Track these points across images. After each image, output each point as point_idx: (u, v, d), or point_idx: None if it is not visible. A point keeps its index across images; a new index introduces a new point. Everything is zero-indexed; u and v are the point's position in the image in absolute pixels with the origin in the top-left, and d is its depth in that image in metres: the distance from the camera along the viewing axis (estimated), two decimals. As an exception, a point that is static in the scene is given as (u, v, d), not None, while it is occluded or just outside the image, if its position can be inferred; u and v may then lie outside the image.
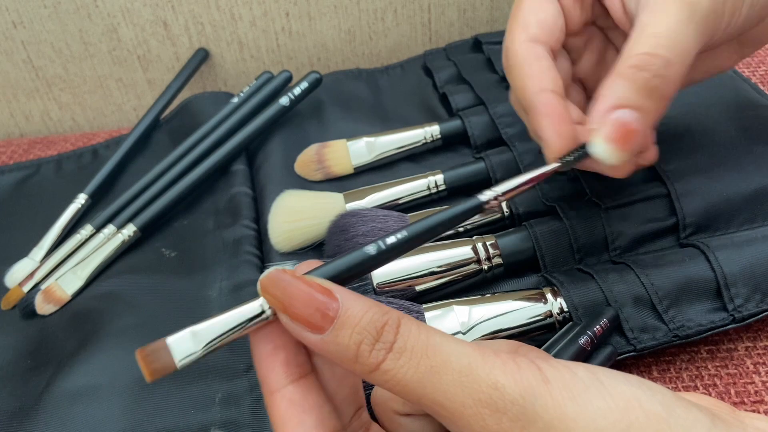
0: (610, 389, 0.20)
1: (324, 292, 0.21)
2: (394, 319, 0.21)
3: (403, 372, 0.20)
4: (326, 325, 0.20)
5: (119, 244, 0.42)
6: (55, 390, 0.34)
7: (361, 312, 0.21)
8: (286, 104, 0.48)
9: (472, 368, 0.20)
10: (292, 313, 0.21)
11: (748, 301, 0.32)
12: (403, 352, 0.20)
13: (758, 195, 0.35)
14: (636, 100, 0.26)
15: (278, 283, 0.21)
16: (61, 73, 0.57)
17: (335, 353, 0.21)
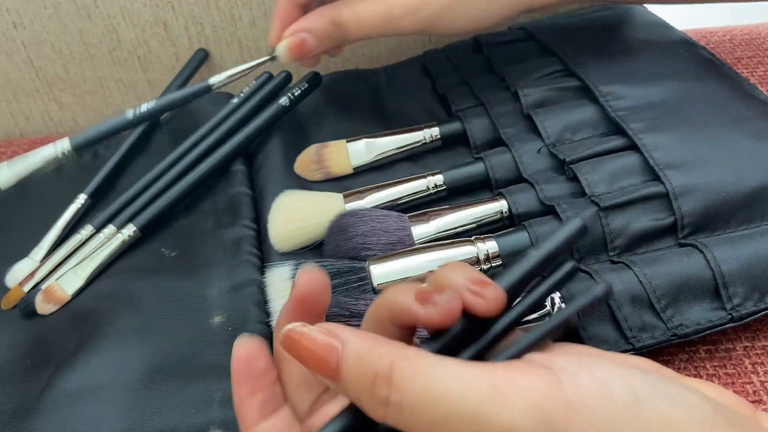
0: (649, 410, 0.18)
1: (323, 347, 0.21)
2: (386, 367, 0.20)
3: (409, 427, 0.19)
4: (336, 377, 0.21)
5: (119, 244, 0.42)
6: (55, 390, 0.34)
7: (356, 365, 0.20)
8: (286, 104, 0.47)
9: (481, 412, 0.19)
10: (304, 363, 0.22)
11: (747, 300, 0.32)
12: (401, 408, 0.19)
13: (756, 195, 0.35)
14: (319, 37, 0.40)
15: (290, 346, 0.22)
16: (62, 73, 0.57)
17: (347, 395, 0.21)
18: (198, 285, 0.40)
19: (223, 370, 0.35)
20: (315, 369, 0.21)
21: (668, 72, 0.43)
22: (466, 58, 0.52)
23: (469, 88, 0.49)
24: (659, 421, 0.18)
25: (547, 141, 0.41)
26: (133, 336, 0.37)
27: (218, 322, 0.37)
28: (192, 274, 0.41)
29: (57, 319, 0.40)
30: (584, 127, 0.42)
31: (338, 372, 0.21)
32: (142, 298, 0.39)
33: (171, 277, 0.40)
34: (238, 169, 0.47)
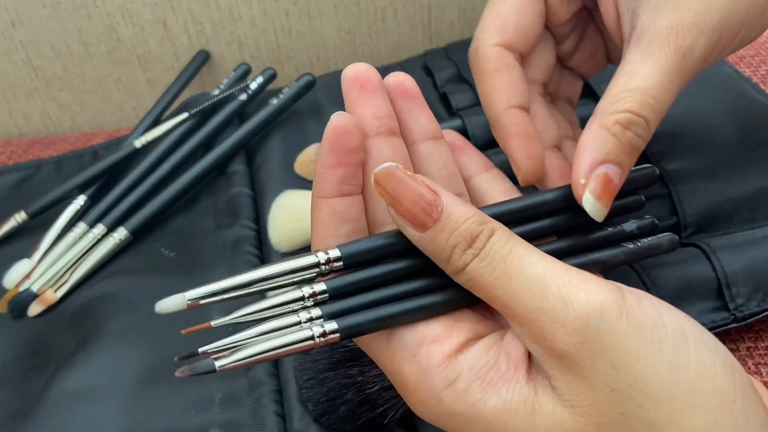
0: (692, 350, 0.20)
1: (431, 193, 0.22)
2: (489, 228, 0.22)
3: (480, 274, 0.22)
4: (429, 224, 0.22)
5: (112, 247, 0.42)
6: (54, 390, 0.34)
7: (463, 218, 0.22)
8: (279, 105, 0.48)
9: (545, 278, 0.21)
10: (399, 209, 0.22)
11: (750, 300, 0.32)
12: (486, 257, 0.22)
13: (759, 194, 0.35)
14: (618, 157, 0.27)
15: (390, 180, 0.23)
16: (61, 72, 0.57)
17: (431, 250, 0.23)
18: (198, 285, 0.39)
19: (222, 372, 0.35)
20: (412, 211, 0.22)
21: (670, 71, 0.43)
22: (467, 56, 0.52)
23: (470, 86, 0.48)
24: (696, 363, 0.20)
25: (549, 140, 0.41)
26: (132, 336, 0.37)
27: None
28: (192, 274, 0.40)
29: (56, 320, 0.40)
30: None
31: (434, 221, 0.22)
32: (142, 299, 0.39)
33: (170, 278, 0.40)
34: (237, 169, 0.47)
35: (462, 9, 0.58)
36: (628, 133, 0.26)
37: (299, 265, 0.24)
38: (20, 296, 0.41)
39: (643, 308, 0.21)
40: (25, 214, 0.45)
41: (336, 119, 0.24)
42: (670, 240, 0.29)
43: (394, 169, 0.23)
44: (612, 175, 0.27)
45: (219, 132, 0.49)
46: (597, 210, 0.27)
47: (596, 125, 0.27)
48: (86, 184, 0.46)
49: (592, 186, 0.26)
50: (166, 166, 0.46)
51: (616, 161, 0.27)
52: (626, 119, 0.26)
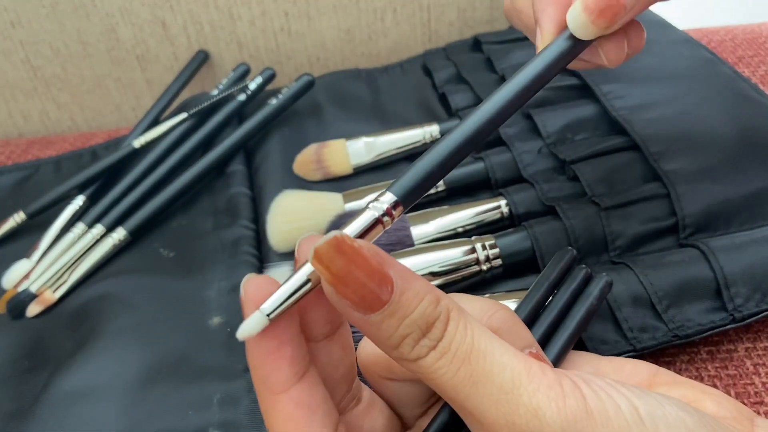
0: (652, 427, 0.19)
1: (382, 270, 0.19)
2: (445, 314, 0.19)
3: (440, 373, 0.19)
4: (377, 307, 0.19)
5: (110, 248, 0.42)
6: (53, 391, 0.34)
7: (416, 300, 0.19)
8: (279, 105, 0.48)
9: (515, 386, 0.19)
10: (343, 291, 0.18)
11: (748, 300, 0.32)
12: (446, 353, 0.19)
13: (758, 195, 0.35)
14: None
15: (336, 259, 0.18)
16: (60, 72, 0.57)
17: (375, 335, 0.19)
18: (196, 285, 0.40)
19: (221, 371, 0.35)
20: (359, 293, 0.18)
21: (669, 71, 0.43)
22: (466, 56, 0.52)
23: (469, 86, 0.48)
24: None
25: (548, 140, 0.41)
26: (131, 337, 0.37)
27: (217, 323, 0.37)
28: (190, 274, 0.40)
29: (55, 320, 0.40)
30: (585, 126, 0.41)
31: (383, 305, 0.19)
32: (141, 299, 0.39)
33: (169, 278, 0.40)
34: (236, 169, 0.47)
35: (461, 9, 0.58)
36: None
37: None
38: (19, 296, 0.41)
39: (601, 399, 0.19)
40: (24, 214, 0.45)
41: (250, 287, 0.20)
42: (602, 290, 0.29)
43: (341, 241, 0.18)
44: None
45: (218, 132, 0.49)
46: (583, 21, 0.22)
47: None
48: (85, 184, 0.46)
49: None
50: (165, 167, 0.46)
51: None
52: None
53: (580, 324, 0.28)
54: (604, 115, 0.41)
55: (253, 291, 0.20)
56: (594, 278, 0.30)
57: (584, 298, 0.29)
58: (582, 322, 0.28)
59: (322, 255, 0.18)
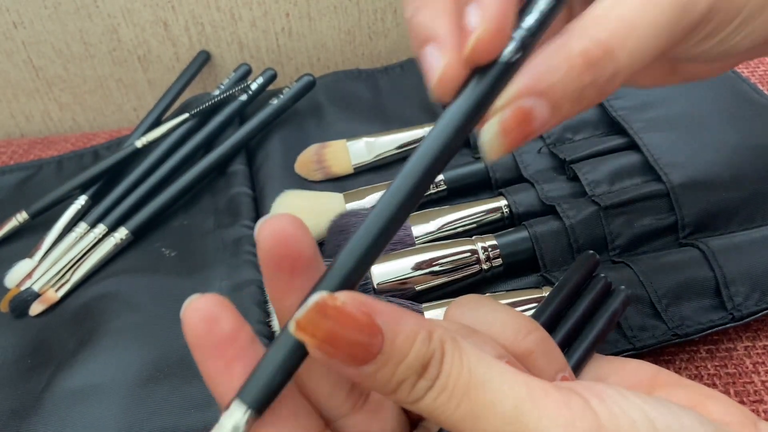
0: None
1: (370, 322, 0.17)
2: (440, 350, 0.18)
3: (441, 411, 0.18)
4: (369, 360, 0.17)
5: (112, 247, 0.42)
6: (55, 389, 0.34)
7: (408, 344, 0.18)
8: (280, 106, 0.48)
9: (519, 414, 0.18)
10: (334, 353, 0.17)
11: (748, 299, 0.32)
12: (443, 390, 0.18)
13: (757, 195, 0.35)
14: (561, 101, 0.20)
15: (321, 324, 0.17)
16: (62, 73, 0.57)
17: (371, 384, 0.18)
18: (198, 285, 0.40)
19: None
20: (350, 353, 0.17)
21: (669, 71, 0.43)
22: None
23: (470, 87, 0.48)
24: None
25: (548, 140, 0.41)
26: (132, 336, 0.37)
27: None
28: (192, 273, 0.41)
29: (57, 319, 0.40)
30: (585, 126, 0.42)
31: (374, 356, 0.17)
32: (142, 298, 0.39)
33: (171, 277, 0.40)
34: (238, 168, 0.47)
35: (462, 9, 0.58)
36: (588, 76, 0.20)
37: None
38: (21, 296, 0.41)
39: (614, 415, 0.18)
40: (27, 213, 0.45)
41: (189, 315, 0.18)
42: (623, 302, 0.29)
43: (324, 305, 0.17)
44: (537, 115, 0.20)
45: (219, 132, 0.49)
46: (493, 145, 0.20)
47: (559, 45, 0.20)
48: (87, 184, 0.47)
49: (506, 115, 0.19)
50: (167, 166, 0.46)
51: (553, 102, 0.20)
52: (597, 54, 0.20)
53: (598, 336, 0.27)
54: (604, 115, 0.41)
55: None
56: (615, 290, 0.29)
57: (604, 311, 0.28)
58: (600, 334, 0.27)
59: (305, 325, 0.17)
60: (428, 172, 0.19)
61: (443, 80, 0.20)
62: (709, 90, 0.42)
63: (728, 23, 0.23)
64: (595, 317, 0.28)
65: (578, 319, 0.28)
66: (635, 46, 0.20)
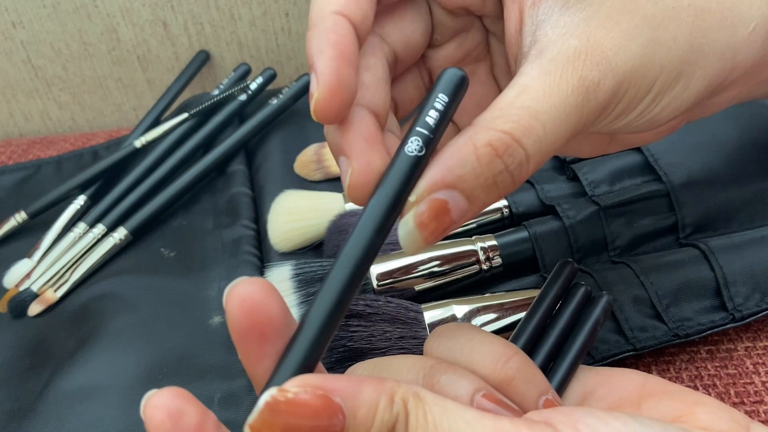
0: None
1: (327, 408, 0.17)
2: (403, 411, 0.18)
3: None
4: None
5: (111, 247, 0.42)
6: (54, 390, 0.34)
7: (370, 417, 0.17)
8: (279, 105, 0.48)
9: None
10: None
11: (748, 300, 0.32)
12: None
13: (757, 195, 0.35)
14: (471, 188, 0.20)
15: (274, 422, 0.17)
16: (61, 73, 0.57)
17: None
18: (197, 285, 0.40)
19: (222, 371, 0.35)
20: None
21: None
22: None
23: (470, 87, 0.48)
24: None
25: (548, 140, 0.41)
26: (132, 336, 0.37)
27: (217, 323, 0.37)
28: (191, 274, 0.41)
29: (56, 320, 0.40)
30: (585, 126, 0.41)
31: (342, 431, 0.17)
32: (142, 298, 0.39)
33: (170, 277, 0.40)
34: (237, 169, 0.47)
35: (461, 9, 0.58)
36: (498, 164, 0.20)
37: None
38: (20, 296, 0.41)
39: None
40: (25, 213, 0.45)
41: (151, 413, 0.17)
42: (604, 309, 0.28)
43: (275, 403, 0.17)
44: (453, 206, 0.20)
45: (219, 132, 0.49)
46: (411, 240, 0.20)
47: (465, 138, 0.21)
48: (86, 184, 0.46)
49: (422, 209, 0.20)
50: (166, 166, 0.46)
51: (467, 193, 0.20)
52: (503, 144, 0.20)
53: (582, 347, 0.27)
54: (604, 115, 0.41)
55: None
56: (595, 297, 0.29)
57: (586, 319, 0.28)
58: (584, 345, 0.27)
59: (259, 428, 0.16)
60: (355, 274, 0.19)
61: (353, 186, 0.21)
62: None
63: (641, 99, 0.23)
64: (577, 329, 0.28)
65: (560, 333, 0.27)
66: (541, 134, 0.20)
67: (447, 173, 0.20)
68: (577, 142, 0.29)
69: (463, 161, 0.20)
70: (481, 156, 0.20)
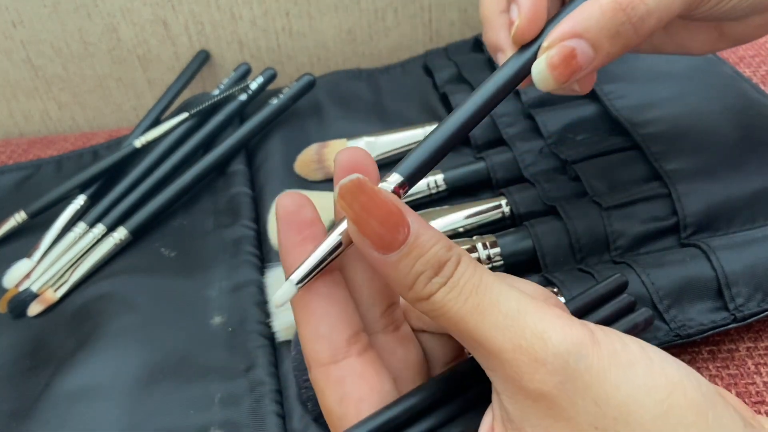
0: (659, 369, 0.19)
1: (399, 212, 0.20)
2: (456, 256, 0.21)
3: (450, 305, 0.20)
4: (395, 246, 0.20)
5: (111, 247, 0.42)
6: (54, 390, 0.34)
7: (430, 243, 0.20)
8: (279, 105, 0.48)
9: (521, 313, 0.20)
10: (365, 228, 0.20)
11: (750, 300, 0.32)
12: (455, 287, 0.20)
13: (759, 195, 0.35)
14: (598, 39, 0.24)
15: (358, 195, 0.20)
16: (61, 72, 0.57)
17: (392, 275, 0.21)
18: (198, 285, 0.40)
19: (223, 371, 0.35)
20: (378, 231, 0.20)
21: (671, 71, 0.43)
22: (467, 56, 0.52)
23: (470, 86, 0.48)
24: (667, 381, 0.19)
25: (549, 140, 0.41)
26: (132, 336, 0.37)
27: (218, 323, 0.37)
28: (192, 274, 0.40)
29: (56, 320, 0.40)
30: (586, 126, 0.41)
31: (400, 245, 0.20)
32: (142, 298, 0.39)
33: (170, 277, 0.40)
34: (237, 168, 0.47)
35: (462, 9, 0.58)
36: (620, 16, 0.24)
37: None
38: (20, 296, 0.41)
39: (608, 336, 0.20)
40: (25, 213, 0.45)
41: (284, 198, 0.23)
42: (645, 318, 0.28)
43: (363, 181, 0.20)
44: (579, 53, 0.24)
45: (219, 132, 0.49)
46: (542, 78, 0.25)
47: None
48: (86, 183, 0.46)
49: (552, 53, 0.24)
50: (166, 166, 0.46)
51: (593, 41, 0.24)
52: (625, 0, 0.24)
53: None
54: (605, 115, 0.41)
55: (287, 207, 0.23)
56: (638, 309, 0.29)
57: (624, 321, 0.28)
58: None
59: (345, 192, 0.20)
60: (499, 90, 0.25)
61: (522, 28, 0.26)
62: (710, 90, 0.41)
63: None
64: (614, 326, 0.27)
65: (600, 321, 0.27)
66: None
67: (575, 24, 0.24)
68: (688, 34, 0.32)
69: (589, 15, 0.24)
70: (605, 10, 0.24)
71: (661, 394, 0.19)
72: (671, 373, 0.19)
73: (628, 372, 0.19)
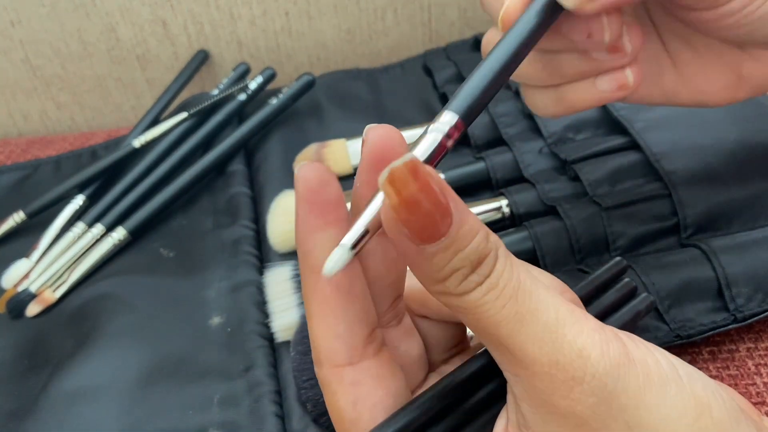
0: (689, 387, 0.19)
1: (446, 205, 0.18)
2: (494, 251, 0.19)
3: (485, 308, 0.18)
4: (435, 239, 0.18)
5: (110, 247, 0.42)
6: (52, 390, 0.34)
7: (471, 235, 0.18)
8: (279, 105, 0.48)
9: (560, 326, 0.19)
10: (406, 218, 0.18)
11: (750, 300, 0.32)
12: (493, 288, 0.18)
13: (759, 195, 0.35)
14: None
15: (409, 183, 0.17)
16: (60, 72, 0.57)
17: (423, 267, 0.19)
18: (197, 285, 0.40)
19: (222, 372, 0.35)
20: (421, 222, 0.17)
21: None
22: (467, 56, 0.52)
23: (470, 87, 0.48)
24: (696, 401, 0.19)
25: (549, 140, 0.41)
26: (131, 336, 0.37)
27: (217, 323, 0.37)
28: (191, 274, 0.40)
29: (55, 320, 0.40)
30: (586, 126, 0.41)
31: (439, 237, 0.18)
32: (141, 299, 0.39)
33: (169, 278, 0.40)
34: (237, 168, 0.46)
35: (462, 9, 0.58)
36: None
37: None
38: (19, 296, 0.41)
39: (640, 349, 0.19)
40: (24, 213, 0.45)
41: (305, 171, 0.20)
42: (647, 305, 0.28)
43: (419, 165, 0.17)
44: None
45: (218, 132, 0.49)
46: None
47: None
48: (85, 183, 0.46)
49: None
50: (165, 166, 0.46)
51: None
52: None
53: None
54: (606, 115, 0.41)
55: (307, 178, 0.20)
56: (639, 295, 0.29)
57: (626, 309, 0.28)
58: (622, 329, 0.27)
59: (396, 178, 0.17)
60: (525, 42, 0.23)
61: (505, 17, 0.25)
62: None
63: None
64: (617, 313, 0.28)
65: (600, 313, 0.27)
66: None
67: None
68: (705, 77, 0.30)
69: None
70: None
71: (690, 416, 0.19)
72: (699, 393, 0.19)
73: (660, 393, 0.19)
